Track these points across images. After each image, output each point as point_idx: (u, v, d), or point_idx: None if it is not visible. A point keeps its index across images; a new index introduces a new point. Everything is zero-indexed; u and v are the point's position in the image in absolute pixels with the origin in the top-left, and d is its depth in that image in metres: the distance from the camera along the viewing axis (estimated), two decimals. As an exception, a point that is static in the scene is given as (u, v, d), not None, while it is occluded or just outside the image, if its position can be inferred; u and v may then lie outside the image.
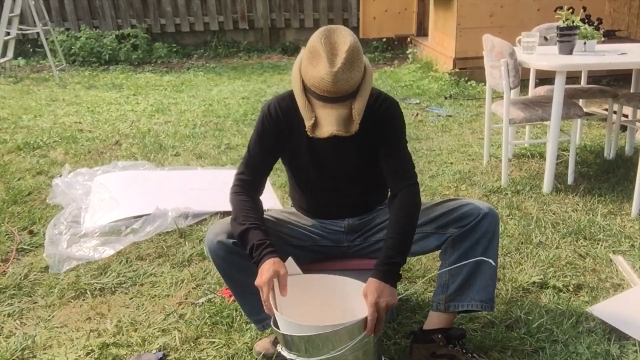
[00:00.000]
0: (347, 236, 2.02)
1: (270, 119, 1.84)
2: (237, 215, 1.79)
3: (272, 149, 1.89)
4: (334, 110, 1.64)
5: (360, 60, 1.65)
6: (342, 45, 1.62)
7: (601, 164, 3.86)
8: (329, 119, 1.64)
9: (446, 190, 3.48)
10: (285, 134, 1.86)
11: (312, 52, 1.63)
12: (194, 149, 4.40)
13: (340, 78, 1.60)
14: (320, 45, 1.62)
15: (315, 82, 1.62)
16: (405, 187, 1.83)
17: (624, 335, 2.08)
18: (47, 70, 7.44)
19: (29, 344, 2.13)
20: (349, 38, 1.64)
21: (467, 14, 6.13)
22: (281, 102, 1.85)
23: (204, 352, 2.06)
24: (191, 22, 8.61)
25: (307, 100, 1.68)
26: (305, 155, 1.89)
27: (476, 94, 5.92)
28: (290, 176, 2.03)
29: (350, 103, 1.66)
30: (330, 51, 1.61)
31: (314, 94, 1.65)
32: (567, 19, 3.44)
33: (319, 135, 1.66)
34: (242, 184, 1.87)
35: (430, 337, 1.90)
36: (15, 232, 3.01)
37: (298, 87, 1.70)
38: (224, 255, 1.80)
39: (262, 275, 1.66)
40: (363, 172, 1.94)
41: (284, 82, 6.90)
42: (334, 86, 1.60)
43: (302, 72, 1.68)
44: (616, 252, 2.71)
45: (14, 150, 4.34)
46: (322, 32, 1.65)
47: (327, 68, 1.59)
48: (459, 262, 1.84)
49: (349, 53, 1.61)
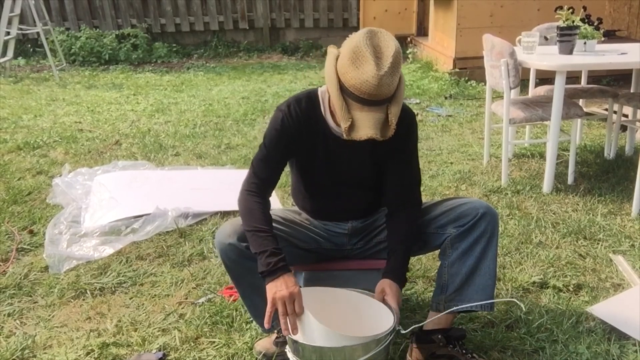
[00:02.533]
0: (350, 239, 2.02)
1: (290, 119, 1.81)
2: (250, 216, 1.77)
3: (290, 150, 1.86)
4: (372, 113, 1.61)
5: (401, 66, 1.64)
6: (386, 49, 1.60)
7: (601, 164, 3.86)
8: (367, 122, 1.61)
9: (446, 190, 3.48)
10: (304, 136, 1.83)
11: (357, 52, 1.59)
12: (194, 148, 4.40)
13: (385, 82, 1.57)
14: (365, 47, 1.58)
15: (357, 84, 1.58)
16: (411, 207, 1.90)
17: (624, 335, 2.08)
18: (47, 70, 7.43)
19: (29, 343, 2.13)
20: (392, 42, 1.62)
21: (467, 14, 6.13)
22: (300, 103, 1.82)
23: (204, 351, 2.06)
24: (191, 21, 8.61)
25: (344, 101, 1.64)
26: (320, 159, 1.87)
27: (476, 94, 5.91)
28: (298, 178, 1.99)
29: (387, 107, 1.64)
30: (375, 54, 1.58)
31: (352, 95, 1.61)
32: (567, 19, 3.43)
33: (355, 137, 1.63)
34: (257, 184, 1.84)
35: (430, 338, 1.90)
36: (15, 232, 3.01)
37: (335, 87, 1.64)
38: (235, 258, 1.79)
39: (278, 290, 1.65)
40: (373, 178, 1.94)
41: (284, 82, 6.90)
42: (377, 89, 1.57)
43: (339, 72, 1.64)
44: (616, 252, 2.71)
45: (14, 150, 4.34)
46: (366, 34, 1.61)
47: (374, 71, 1.56)
48: (458, 262, 1.84)
49: (394, 57, 1.59)
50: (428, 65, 7.05)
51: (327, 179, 1.91)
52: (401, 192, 1.91)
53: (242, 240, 1.77)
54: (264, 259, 1.69)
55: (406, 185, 1.92)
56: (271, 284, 1.67)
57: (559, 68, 3.19)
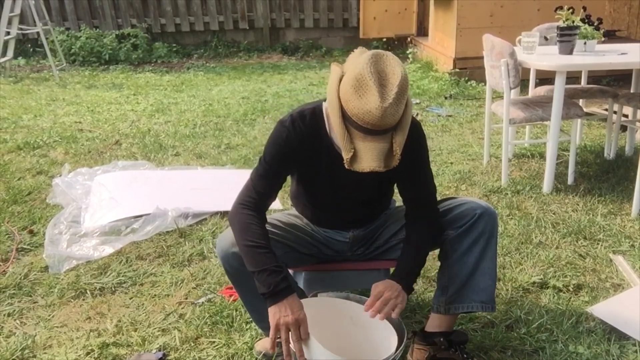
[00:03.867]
0: (351, 247, 2.02)
1: (294, 135, 1.72)
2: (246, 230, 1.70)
3: (292, 166, 1.81)
4: (375, 143, 1.52)
5: (407, 93, 1.53)
6: (392, 77, 1.50)
7: (601, 164, 3.86)
8: (370, 153, 1.52)
9: (446, 190, 3.48)
10: (307, 153, 1.75)
11: (360, 80, 1.49)
12: (194, 148, 4.40)
13: (389, 113, 1.48)
14: (369, 74, 1.48)
15: (360, 114, 1.49)
16: (427, 218, 1.83)
17: (624, 335, 2.08)
18: (47, 70, 7.43)
19: (29, 343, 2.13)
20: (399, 68, 1.51)
21: (467, 14, 6.13)
22: (305, 119, 1.73)
23: (204, 351, 2.06)
24: (191, 21, 8.60)
25: (346, 129, 1.54)
26: (322, 176, 1.82)
27: (476, 94, 5.92)
28: (299, 188, 1.94)
29: (391, 136, 1.55)
30: (380, 82, 1.48)
31: (354, 124, 1.52)
32: (567, 19, 3.43)
33: (358, 169, 1.54)
34: (254, 199, 1.76)
35: (432, 340, 1.90)
36: (15, 232, 3.01)
37: (337, 114, 1.54)
38: (238, 266, 1.75)
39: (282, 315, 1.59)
40: (378, 192, 1.92)
41: (284, 82, 6.90)
42: (381, 120, 1.48)
43: (342, 99, 1.54)
44: (616, 252, 2.71)
45: (14, 150, 4.34)
46: (370, 59, 1.50)
47: (378, 102, 1.46)
48: (458, 263, 1.83)
49: (400, 87, 1.49)
50: (428, 65, 7.05)
51: (330, 194, 1.88)
52: (416, 206, 1.85)
53: None
54: (264, 278, 1.62)
55: (422, 199, 1.84)
56: (274, 308, 1.61)
57: (559, 68, 3.19)
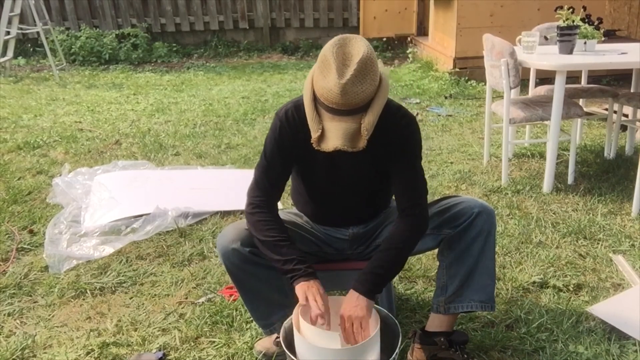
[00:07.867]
0: (351, 245, 2.02)
1: (287, 126, 1.76)
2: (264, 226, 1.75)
3: (290, 157, 1.82)
4: (342, 123, 1.57)
5: (373, 73, 1.56)
6: (354, 56, 1.54)
7: (601, 163, 3.86)
8: (336, 132, 1.57)
9: (446, 190, 3.48)
10: (302, 143, 1.75)
11: (324, 61, 1.56)
12: (194, 148, 4.40)
13: (349, 90, 1.52)
14: (331, 55, 1.54)
15: (324, 93, 1.55)
16: (411, 215, 1.78)
17: (624, 335, 2.08)
18: (47, 69, 7.43)
19: (29, 343, 2.13)
20: (363, 49, 1.55)
21: (467, 14, 6.13)
22: (299, 109, 1.74)
23: (204, 351, 2.06)
24: (191, 21, 8.61)
25: (316, 111, 1.60)
26: (321, 167, 1.83)
27: (476, 94, 5.92)
28: (299, 183, 1.95)
29: (360, 117, 1.58)
30: (341, 61, 1.53)
31: (322, 104, 1.58)
32: (568, 19, 3.43)
33: (324, 148, 1.59)
34: (261, 198, 1.80)
35: (432, 340, 1.90)
36: (16, 232, 3.01)
37: (308, 96, 1.62)
38: (239, 263, 1.77)
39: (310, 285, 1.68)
40: (376, 185, 1.91)
41: (284, 81, 6.90)
42: (342, 98, 1.52)
43: (313, 81, 1.61)
44: (616, 252, 2.71)
45: (14, 150, 4.34)
46: (336, 42, 1.57)
47: (336, 79, 1.51)
48: (456, 262, 1.83)
49: (360, 64, 1.52)
50: (428, 65, 7.05)
51: (328, 186, 1.89)
52: (405, 197, 1.82)
53: (246, 245, 1.76)
54: (291, 267, 1.68)
55: (410, 190, 1.80)
56: (304, 284, 1.68)
57: (559, 68, 3.19)
